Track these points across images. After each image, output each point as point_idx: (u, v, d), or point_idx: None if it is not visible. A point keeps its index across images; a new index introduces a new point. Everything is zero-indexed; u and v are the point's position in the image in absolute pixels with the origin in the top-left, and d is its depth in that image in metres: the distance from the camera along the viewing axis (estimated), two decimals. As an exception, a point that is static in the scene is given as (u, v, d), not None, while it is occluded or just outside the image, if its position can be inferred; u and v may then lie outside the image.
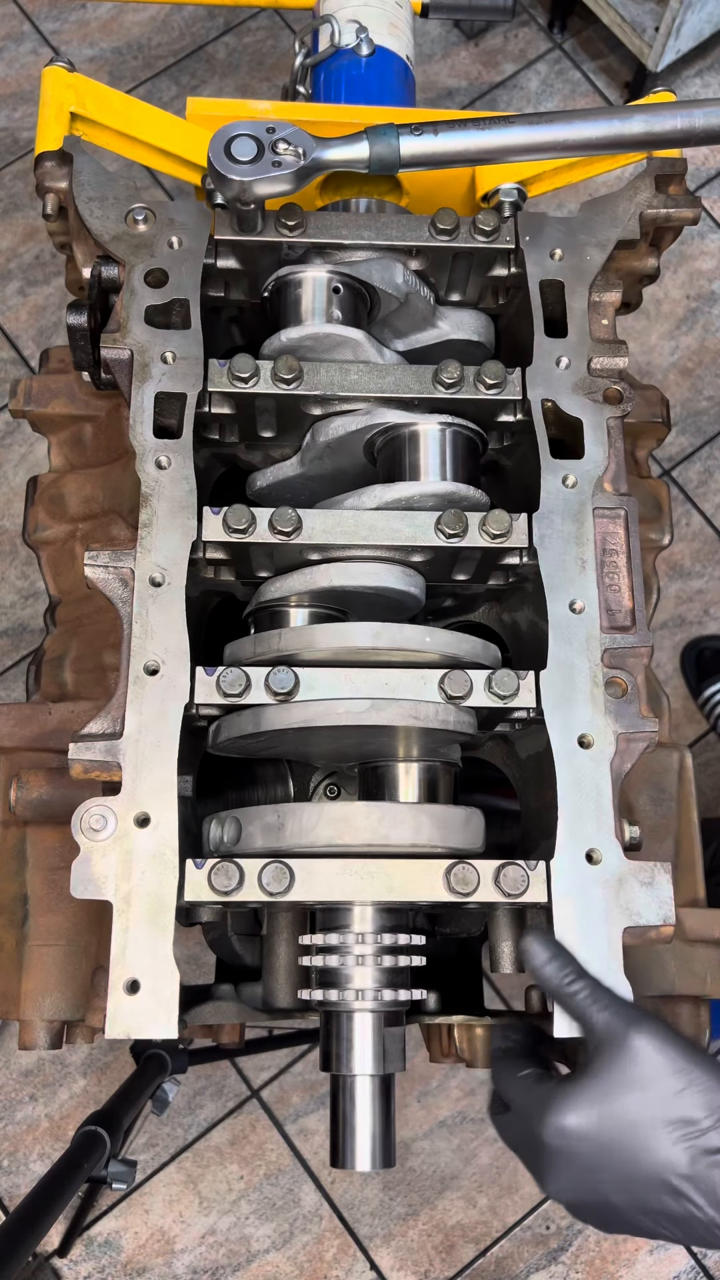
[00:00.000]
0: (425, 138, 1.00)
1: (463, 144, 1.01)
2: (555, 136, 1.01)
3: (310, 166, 1.02)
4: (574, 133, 1.01)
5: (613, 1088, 0.84)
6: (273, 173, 1.01)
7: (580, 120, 1.01)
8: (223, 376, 1.08)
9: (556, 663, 1.01)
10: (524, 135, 1.01)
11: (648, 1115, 0.83)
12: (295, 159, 1.02)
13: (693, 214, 1.20)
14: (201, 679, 0.98)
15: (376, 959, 0.98)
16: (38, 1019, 1.10)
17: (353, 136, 1.02)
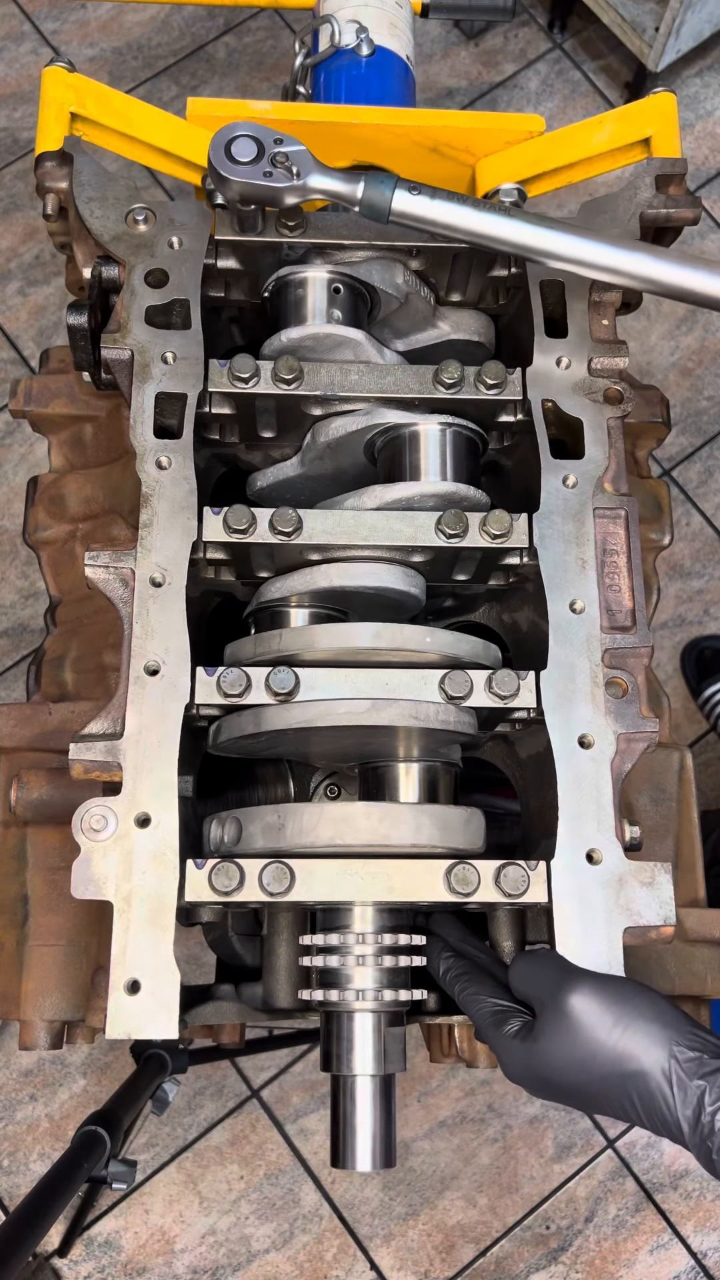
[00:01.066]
0: (420, 198, 1.00)
1: (452, 217, 1.00)
2: (545, 244, 1.00)
3: (300, 188, 1.02)
4: (566, 247, 1.00)
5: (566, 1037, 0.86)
6: (261, 181, 1.01)
7: (577, 236, 0.99)
8: (223, 377, 1.08)
9: (557, 663, 1.01)
10: (514, 230, 1.00)
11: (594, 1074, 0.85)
12: (287, 176, 1.02)
13: (693, 214, 1.20)
14: (202, 679, 0.98)
15: (377, 959, 0.98)
16: (38, 1019, 1.10)
17: (353, 174, 1.02)
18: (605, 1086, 0.85)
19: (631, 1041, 0.84)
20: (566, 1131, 2.48)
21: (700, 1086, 0.81)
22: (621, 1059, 0.84)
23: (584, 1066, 0.85)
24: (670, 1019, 0.85)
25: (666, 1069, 0.83)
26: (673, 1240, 2.43)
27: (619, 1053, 0.84)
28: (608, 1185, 2.46)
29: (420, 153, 1.31)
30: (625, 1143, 2.48)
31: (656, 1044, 0.84)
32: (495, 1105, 2.49)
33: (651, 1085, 0.83)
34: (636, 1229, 2.44)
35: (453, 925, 1.05)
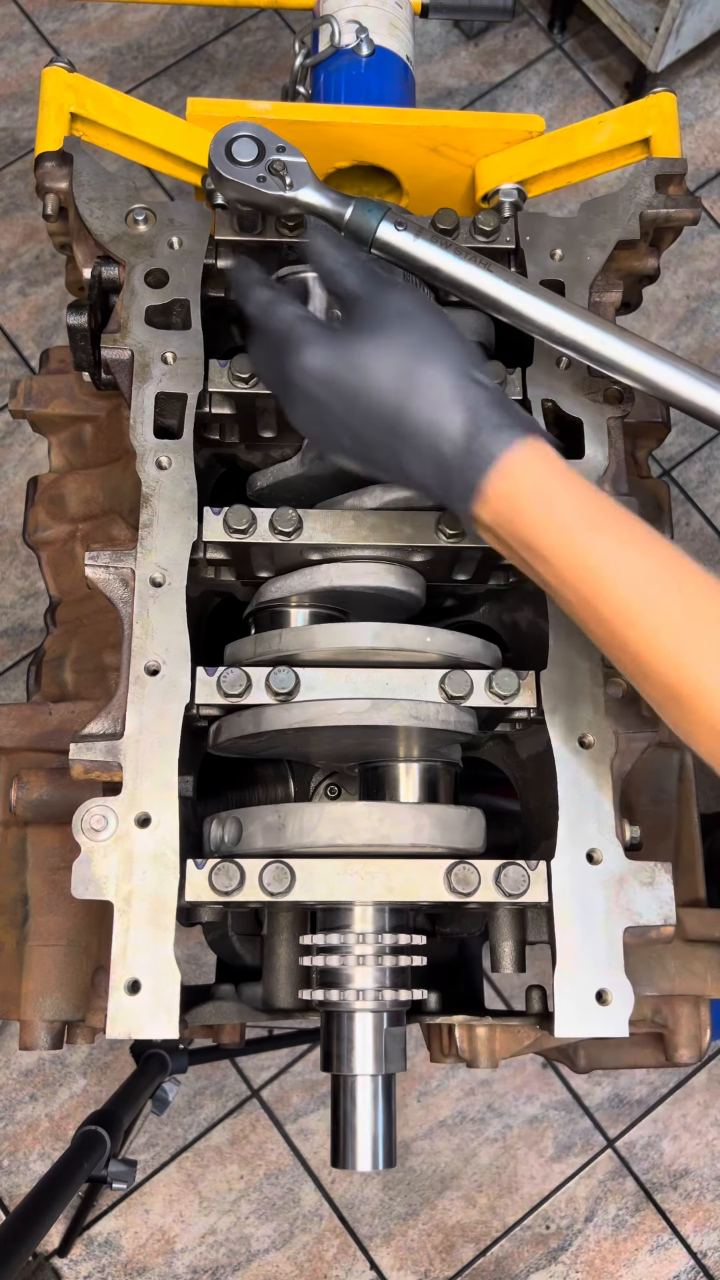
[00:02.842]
0: (404, 235, 1.00)
1: (432, 259, 1.00)
2: (519, 306, 1.00)
3: (290, 200, 1.02)
4: (539, 314, 1.00)
5: (368, 325, 0.89)
6: (253, 185, 1.01)
7: (553, 306, 0.99)
8: (223, 377, 1.08)
9: (557, 662, 1.01)
10: (490, 286, 1.00)
11: (402, 347, 0.87)
12: (280, 185, 1.02)
13: (693, 214, 1.20)
14: (202, 679, 0.98)
15: (377, 959, 0.98)
16: (38, 1019, 1.10)
17: (344, 196, 1.02)
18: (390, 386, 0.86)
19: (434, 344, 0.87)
20: (566, 1131, 2.48)
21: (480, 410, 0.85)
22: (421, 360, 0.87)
23: (380, 357, 0.87)
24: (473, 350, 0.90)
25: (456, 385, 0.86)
26: (673, 1240, 2.43)
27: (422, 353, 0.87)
28: (608, 1185, 2.46)
29: (420, 153, 1.31)
30: (625, 1143, 2.48)
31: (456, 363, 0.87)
32: (495, 1105, 2.49)
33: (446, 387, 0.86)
34: (636, 1229, 2.44)
35: None
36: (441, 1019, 1.11)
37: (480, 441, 0.85)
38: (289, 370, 0.90)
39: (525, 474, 0.85)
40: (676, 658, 0.81)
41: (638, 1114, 2.50)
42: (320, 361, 0.88)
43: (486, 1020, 1.09)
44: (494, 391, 0.87)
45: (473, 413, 0.85)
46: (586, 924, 0.94)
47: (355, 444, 0.91)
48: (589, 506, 0.85)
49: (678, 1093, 2.51)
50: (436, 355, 0.87)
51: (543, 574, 0.87)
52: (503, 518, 0.86)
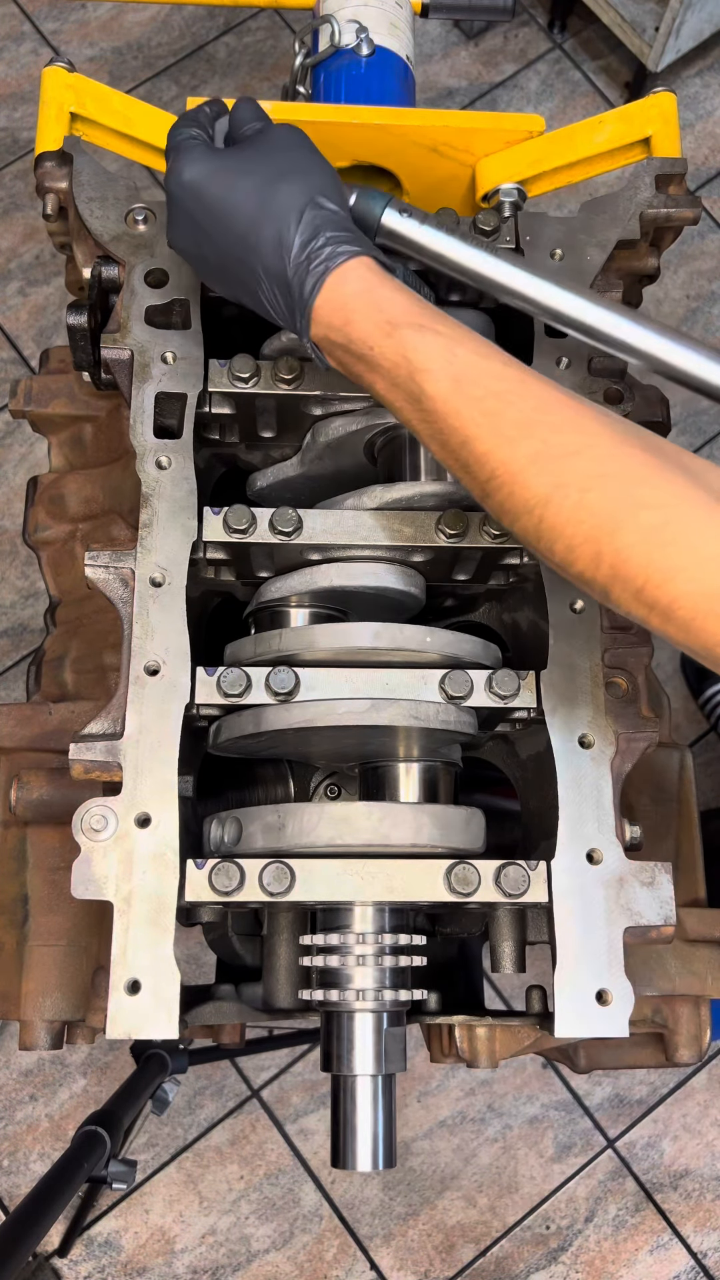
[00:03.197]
0: (409, 221, 1.01)
1: (438, 246, 1.01)
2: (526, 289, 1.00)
3: None
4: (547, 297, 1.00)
5: (245, 151, 0.94)
6: None
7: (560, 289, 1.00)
8: (223, 376, 1.08)
9: (557, 663, 1.01)
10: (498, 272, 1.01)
11: (269, 169, 0.92)
12: None
13: (693, 214, 1.20)
14: (202, 679, 0.98)
15: (377, 959, 0.98)
16: (38, 1019, 1.10)
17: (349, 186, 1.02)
18: (249, 201, 0.90)
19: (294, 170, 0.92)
20: (566, 1131, 2.48)
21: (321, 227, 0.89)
22: (278, 179, 0.91)
23: (245, 173, 0.91)
24: (333, 183, 0.94)
25: (304, 205, 0.90)
26: (673, 1240, 2.43)
27: (281, 174, 0.91)
28: (608, 1185, 2.46)
29: (420, 153, 1.31)
30: (625, 1143, 2.48)
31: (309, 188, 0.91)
32: (495, 1105, 2.49)
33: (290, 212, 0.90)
34: (636, 1229, 2.44)
35: None
36: (441, 1019, 1.11)
37: (318, 255, 0.89)
38: (169, 182, 0.95)
39: (354, 281, 0.88)
40: (497, 449, 0.83)
41: (638, 1114, 2.50)
42: (192, 173, 0.93)
43: (486, 1020, 1.09)
44: (338, 215, 0.91)
45: (313, 230, 0.89)
46: (587, 924, 0.94)
47: (219, 262, 0.95)
48: (414, 308, 0.88)
49: (678, 1093, 2.51)
50: (293, 179, 0.91)
51: (378, 384, 0.90)
52: (334, 328, 0.89)
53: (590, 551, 0.79)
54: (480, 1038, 1.10)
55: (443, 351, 0.85)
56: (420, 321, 0.87)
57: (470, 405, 0.84)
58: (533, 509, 0.81)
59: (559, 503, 0.80)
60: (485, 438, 0.83)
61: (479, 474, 0.85)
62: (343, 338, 0.89)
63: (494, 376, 0.85)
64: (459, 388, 0.84)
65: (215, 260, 0.95)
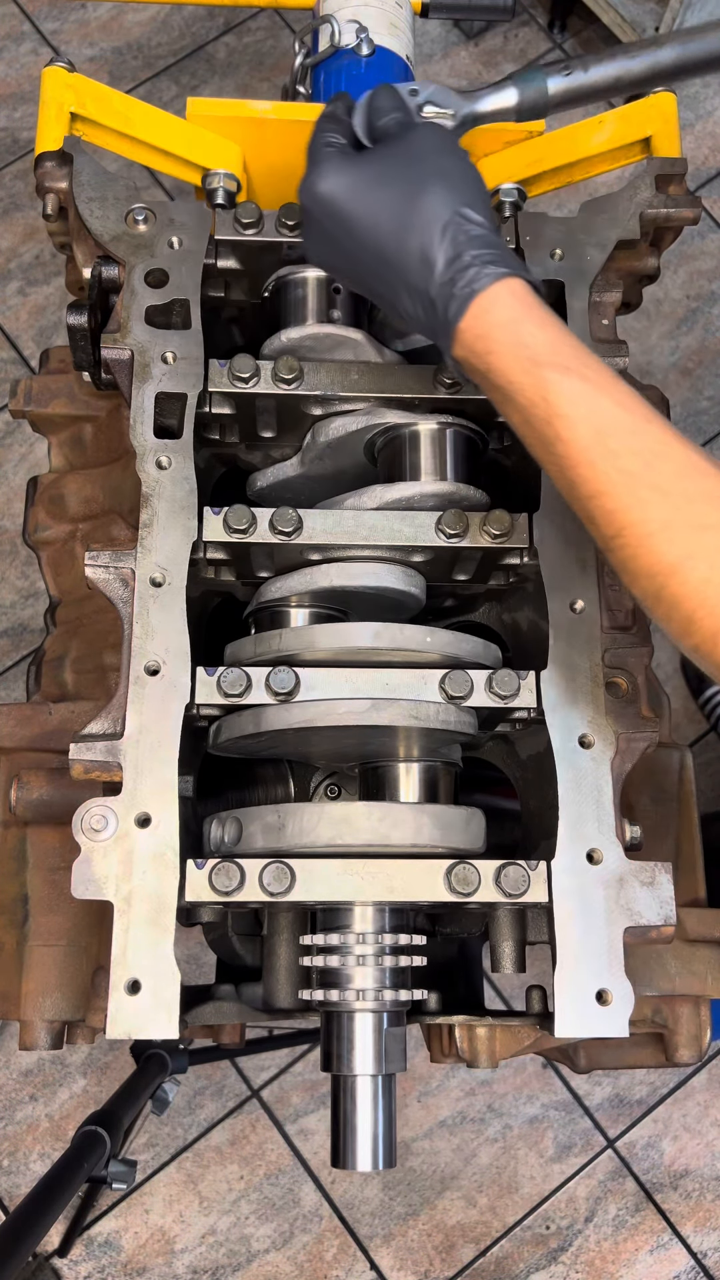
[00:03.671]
0: (575, 75, 0.98)
1: (615, 73, 0.99)
2: (708, 50, 0.97)
3: (462, 123, 1.01)
4: None
5: (383, 157, 0.91)
6: None
7: None
8: (223, 377, 1.08)
9: (557, 663, 1.01)
10: (675, 54, 0.98)
11: (409, 178, 0.89)
12: (449, 120, 1.00)
13: (693, 214, 1.20)
14: (202, 679, 0.98)
15: (377, 959, 0.98)
16: (38, 1019, 1.09)
17: (497, 85, 1.00)
18: (388, 214, 0.88)
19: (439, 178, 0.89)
20: (566, 1131, 2.48)
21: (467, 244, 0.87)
22: (420, 191, 0.88)
23: (383, 184, 0.89)
24: (479, 192, 0.91)
25: (449, 220, 0.87)
26: (673, 1240, 2.43)
27: (423, 185, 0.88)
28: (608, 1185, 2.46)
29: (420, 153, 1.31)
30: (625, 1143, 2.48)
31: (453, 199, 0.88)
32: (495, 1105, 2.49)
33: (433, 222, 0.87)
34: (636, 1229, 2.44)
35: None
36: (442, 1019, 1.11)
37: (463, 276, 0.86)
38: (302, 194, 0.93)
39: (499, 309, 0.86)
40: (628, 510, 0.81)
41: (638, 1114, 2.50)
42: (327, 186, 0.91)
43: (487, 1020, 1.09)
44: (484, 230, 0.88)
45: (457, 247, 0.87)
46: (587, 924, 0.94)
47: (355, 271, 0.93)
48: (561, 347, 0.85)
49: (678, 1093, 2.51)
50: (436, 189, 0.89)
51: (511, 416, 0.88)
52: (476, 354, 0.87)
53: (711, 628, 0.78)
54: (480, 1038, 1.10)
55: (585, 399, 0.83)
56: (565, 363, 0.84)
57: (607, 460, 0.81)
58: (655, 575, 0.80)
59: (685, 574, 0.78)
60: (618, 495, 0.81)
61: (605, 529, 0.82)
62: (483, 365, 0.87)
63: (635, 433, 0.82)
64: (598, 440, 0.82)
65: (353, 273, 0.94)
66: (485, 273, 0.86)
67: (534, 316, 0.86)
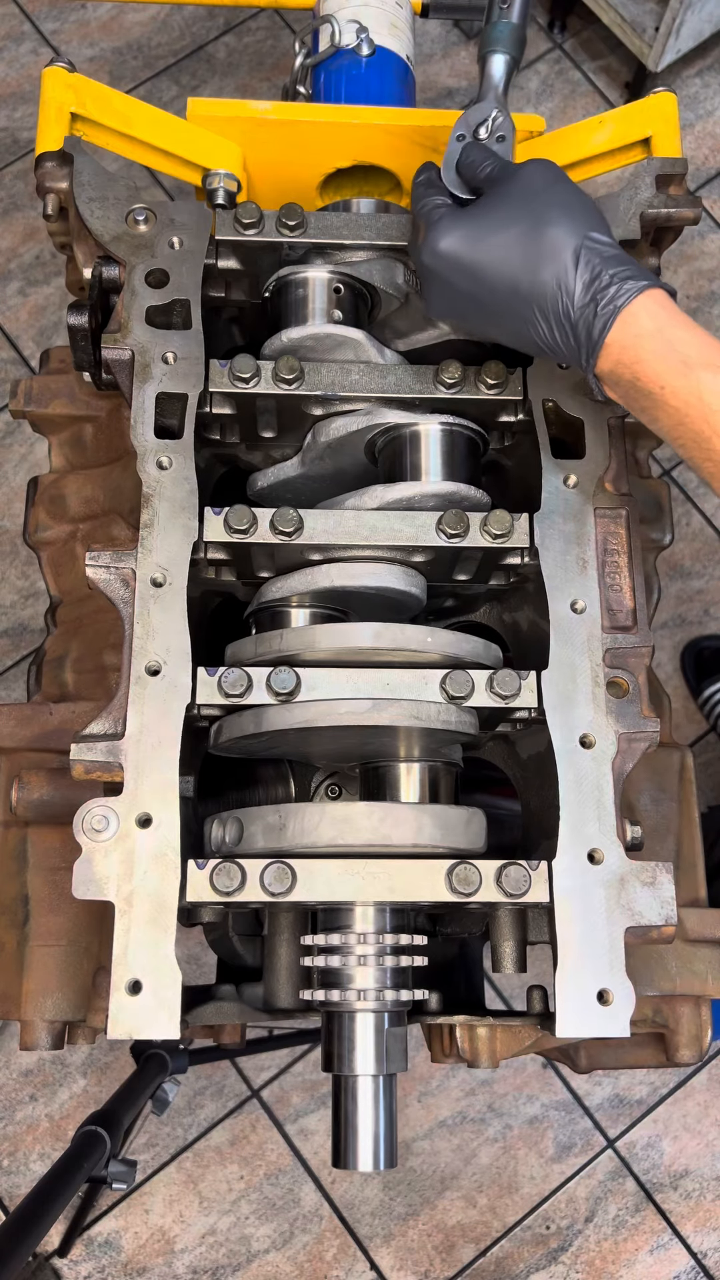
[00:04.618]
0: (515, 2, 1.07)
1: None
2: None
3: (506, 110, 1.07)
4: None
5: (497, 202, 0.95)
6: (505, 146, 1.05)
7: None
8: (224, 377, 1.08)
9: (558, 663, 1.01)
10: None
11: (529, 215, 0.93)
12: (503, 117, 1.06)
13: (693, 214, 1.20)
14: (203, 679, 0.98)
15: (378, 959, 0.98)
16: (39, 1019, 1.09)
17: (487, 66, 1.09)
18: (516, 253, 0.92)
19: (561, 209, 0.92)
20: (566, 1131, 2.48)
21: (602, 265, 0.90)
22: (543, 224, 0.91)
23: (504, 226, 0.92)
24: (597, 214, 0.94)
25: (579, 245, 0.91)
26: (673, 1240, 2.43)
27: (544, 218, 0.91)
28: (608, 1185, 2.46)
29: (420, 153, 1.31)
30: (625, 1143, 2.48)
31: (578, 226, 0.92)
32: (495, 1105, 2.49)
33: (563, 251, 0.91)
34: (636, 1229, 2.44)
35: None
36: (443, 1019, 1.11)
37: (604, 295, 0.89)
38: (422, 254, 0.96)
39: (645, 319, 0.89)
40: None
41: (638, 1114, 2.50)
42: (449, 242, 0.94)
43: (488, 1020, 1.09)
44: (615, 249, 0.92)
45: (595, 270, 0.90)
46: (588, 924, 0.94)
47: (483, 316, 0.96)
48: (708, 349, 0.89)
49: (678, 1093, 2.51)
50: (559, 220, 0.92)
51: (661, 420, 0.91)
52: (623, 365, 0.90)
53: None
54: (481, 1038, 1.10)
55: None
56: (715, 362, 0.87)
57: None
58: None
59: None
60: None
61: None
62: (630, 374, 0.90)
63: None
64: None
65: (482, 318, 0.96)
66: (626, 288, 0.89)
67: (679, 322, 0.90)
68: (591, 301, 0.90)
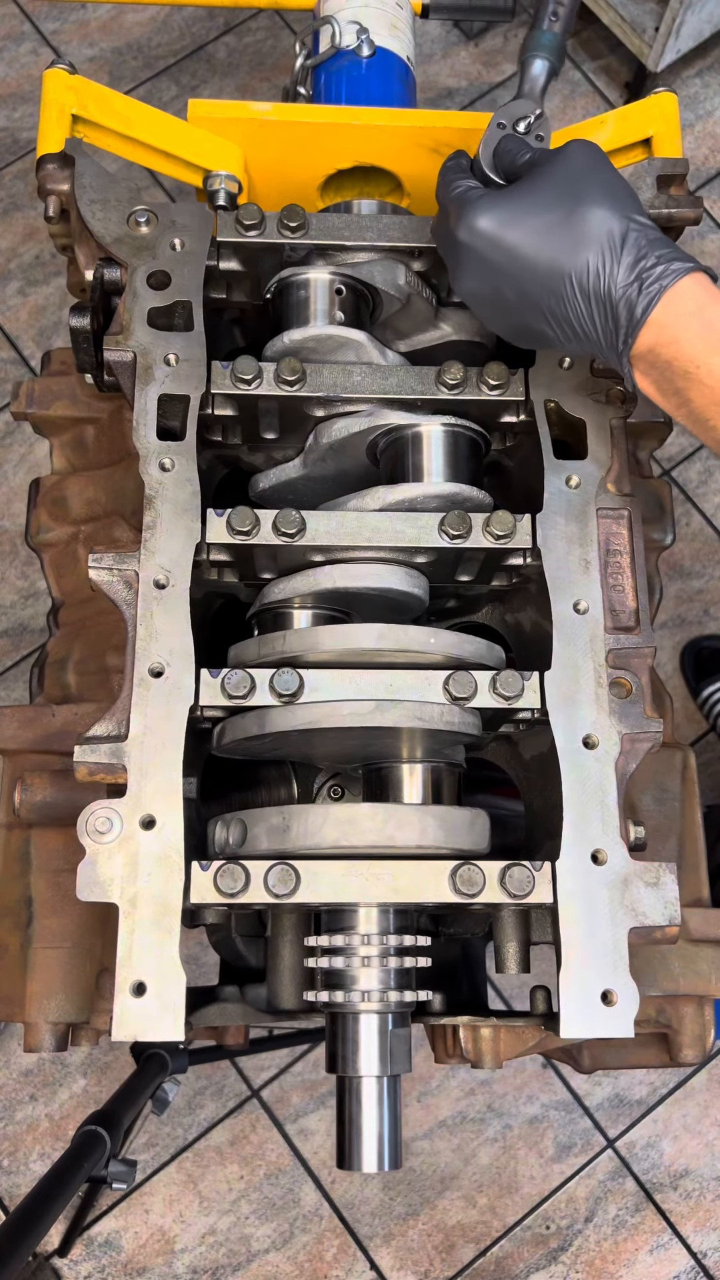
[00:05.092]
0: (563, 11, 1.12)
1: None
2: None
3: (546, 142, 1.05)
4: None
5: (540, 183, 0.94)
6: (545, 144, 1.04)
7: None
8: (226, 378, 1.08)
9: (561, 663, 1.01)
10: None
11: (572, 196, 0.92)
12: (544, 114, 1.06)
13: (695, 214, 1.20)
14: (206, 681, 0.98)
15: (382, 960, 0.98)
16: (42, 1021, 1.09)
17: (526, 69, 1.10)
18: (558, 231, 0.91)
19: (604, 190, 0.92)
20: (566, 1131, 2.48)
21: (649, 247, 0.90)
22: (588, 204, 0.91)
23: (546, 208, 0.92)
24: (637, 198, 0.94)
25: (626, 228, 0.91)
26: (673, 1240, 2.43)
27: (589, 198, 0.92)
28: (608, 1185, 2.46)
29: (421, 153, 1.31)
30: (625, 1143, 2.48)
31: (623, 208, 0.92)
32: (495, 1105, 2.49)
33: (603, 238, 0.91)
34: (636, 1229, 2.44)
35: None
36: (446, 1020, 1.11)
37: (650, 274, 0.89)
38: (460, 233, 0.94)
39: (688, 300, 0.89)
40: None
41: (638, 1114, 2.50)
42: (488, 220, 0.93)
43: (491, 1021, 1.09)
44: (657, 231, 0.92)
45: (640, 250, 0.90)
46: (591, 925, 0.94)
47: (522, 300, 0.95)
48: None
49: (678, 1093, 2.51)
50: (603, 200, 0.92)
51: (695, 401, 0.91)
52: (662, 344, 0.90)
53: None
54: (485, 1038, 1.10)
55: None
56: None
57: None
58: None
59: None
60: None
61: None
62: (668, 354, 0.90)
63: None
64: None
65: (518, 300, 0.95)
66: (674, 268, 0.90)
67: (719, 300, 0.90)
68: (636, 280, 0.90)
